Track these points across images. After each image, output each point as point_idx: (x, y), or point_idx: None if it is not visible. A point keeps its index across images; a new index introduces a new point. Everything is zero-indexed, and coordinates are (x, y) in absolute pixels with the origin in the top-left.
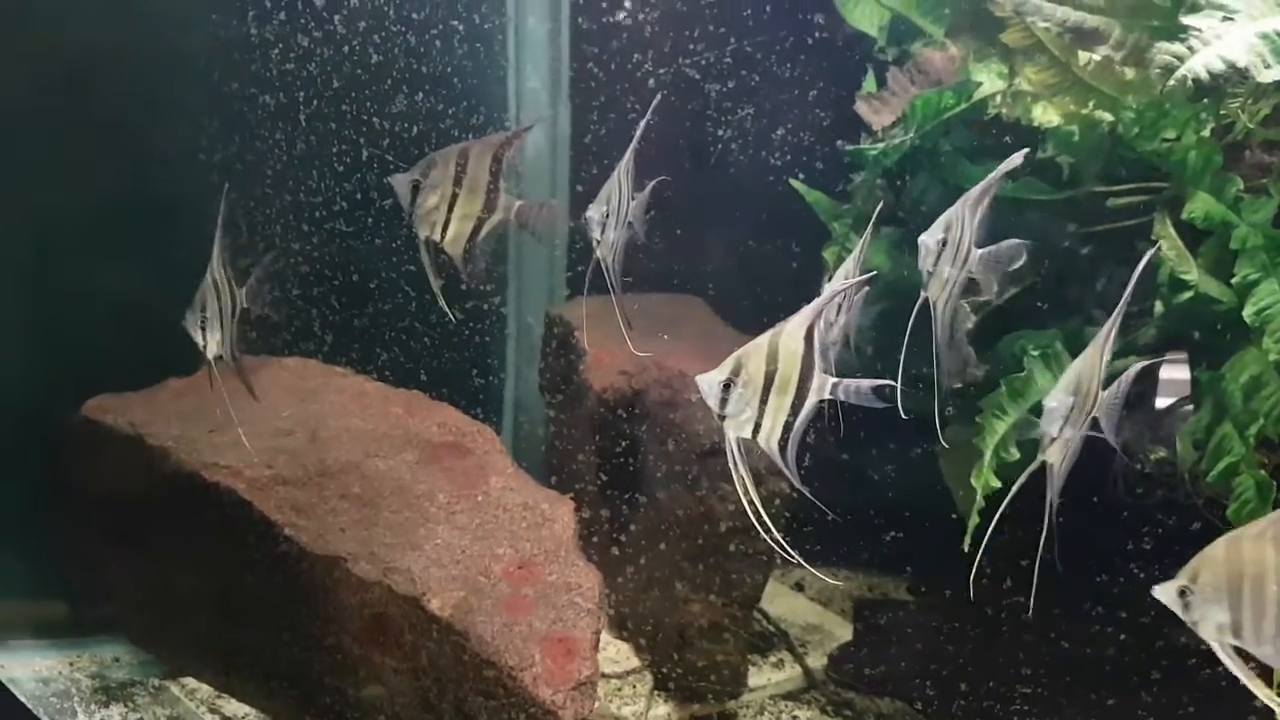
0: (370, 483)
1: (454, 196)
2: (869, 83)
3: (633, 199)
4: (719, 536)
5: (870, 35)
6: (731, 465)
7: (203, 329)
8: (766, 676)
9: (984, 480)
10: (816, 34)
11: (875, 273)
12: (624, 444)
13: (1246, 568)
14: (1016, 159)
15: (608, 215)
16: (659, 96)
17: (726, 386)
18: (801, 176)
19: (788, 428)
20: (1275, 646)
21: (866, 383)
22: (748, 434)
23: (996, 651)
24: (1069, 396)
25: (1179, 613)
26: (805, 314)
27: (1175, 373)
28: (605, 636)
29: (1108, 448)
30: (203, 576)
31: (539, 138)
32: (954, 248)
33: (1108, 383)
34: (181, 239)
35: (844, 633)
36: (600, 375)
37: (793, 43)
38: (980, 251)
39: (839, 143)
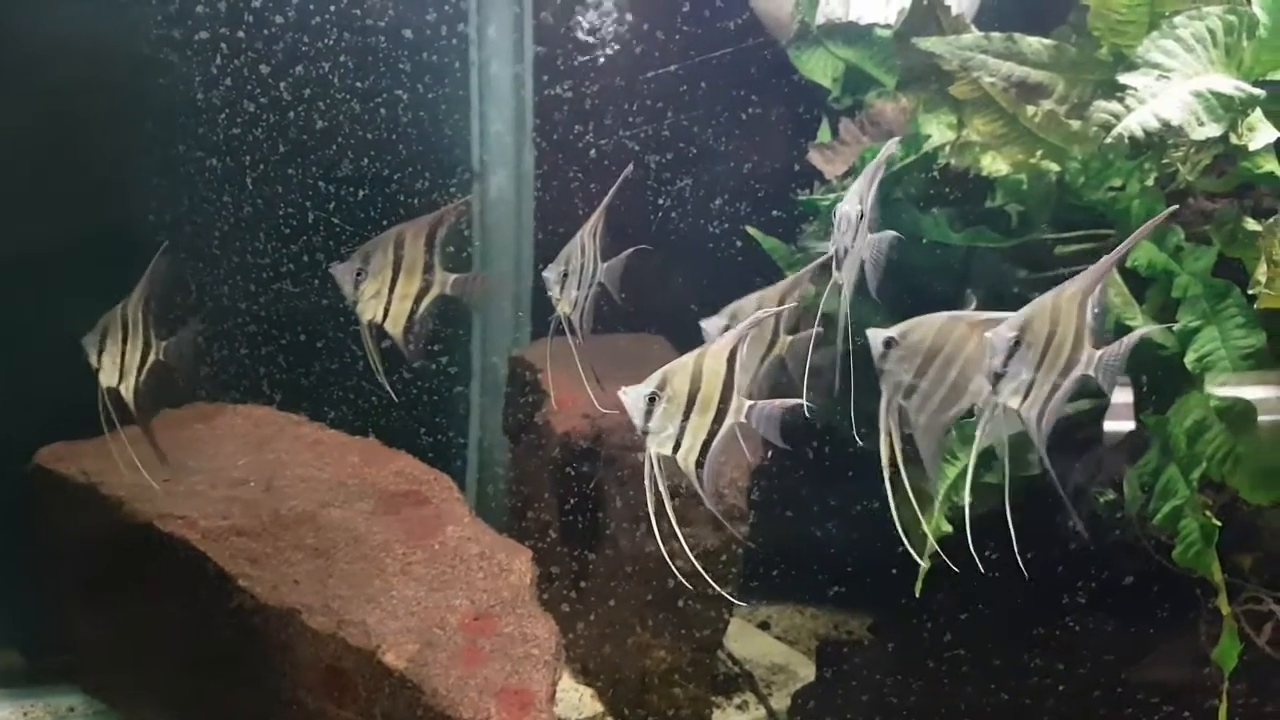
0: (325, 533)
1: (394, 279)
2: (823, 132)
3: (601, 261)
4: (680, 580)
5: (824, 86)
6: (648, 482)
7: (99, 353)
8: (730, 719)
9: (936, 525)
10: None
11: (797, 304)
12: (587, 487)
13: (950, 344)
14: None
15: (566, 275)
16: (629, 168)
17: (652, 400)
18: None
19: (705, 448)
20: (929, 422)
21: (778, 403)
22: (668, 451)
23: (953, 695)
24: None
25: (875, 358)
26: (729, 336)
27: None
28: (567, 682)
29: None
30: (159, 627)
31: (504, 181)
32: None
33: None
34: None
35: (808, 672)
36: (563, 418)
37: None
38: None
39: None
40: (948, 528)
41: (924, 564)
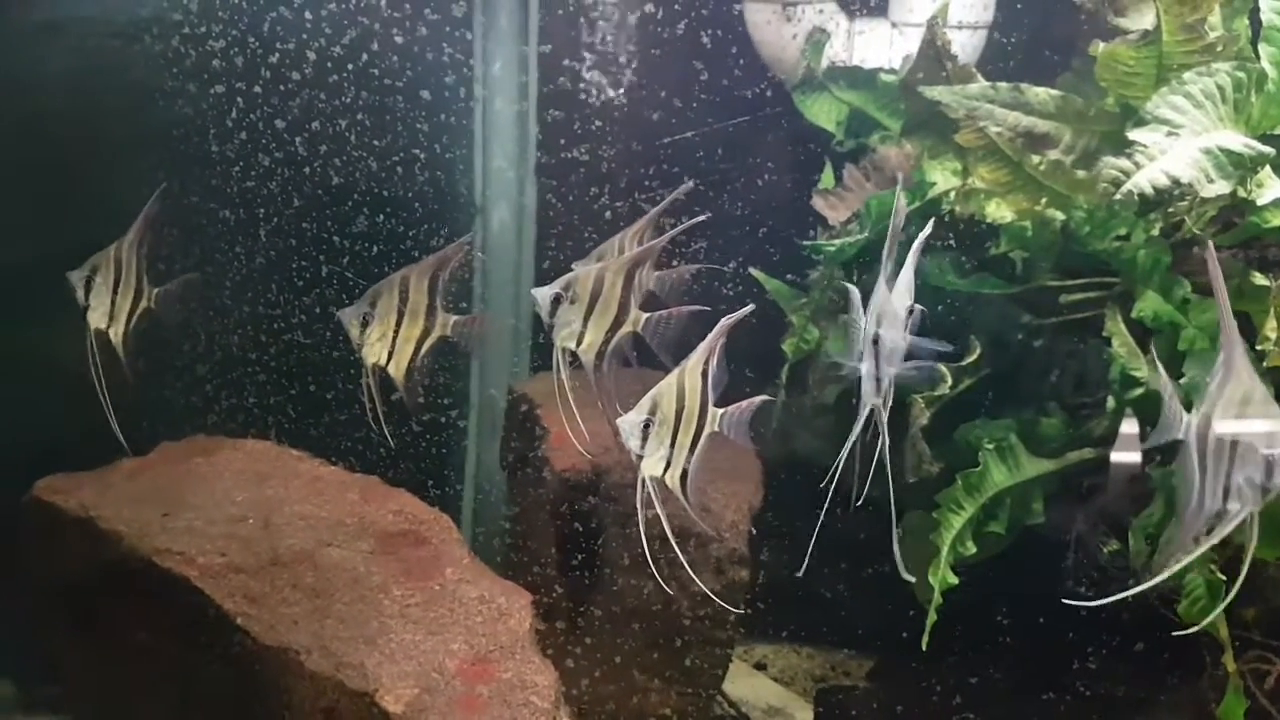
0: (324, 573)
1: (398, 323)
2: (826, 177)
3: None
4: (680, 621)
5: (828, 130)
6: (640, 505)
7: (86, 289)
8: None
9: (941, 577)
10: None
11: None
12: (586, 525)
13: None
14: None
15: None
16: (687, 183)
17: (646, 426)
18: None
19: (688, 464)
20: None
21: (746, 405)
22: (660, 472)
23: None
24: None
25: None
26: (701, 350)
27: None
28: None
29: (1060, 542)
30: (153, 661)
31: (505, 215)
32: None
33: None
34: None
35: (805, 715)
36: (562, 455)
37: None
38: None
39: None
40: (953, 579)
41: (931, 616)
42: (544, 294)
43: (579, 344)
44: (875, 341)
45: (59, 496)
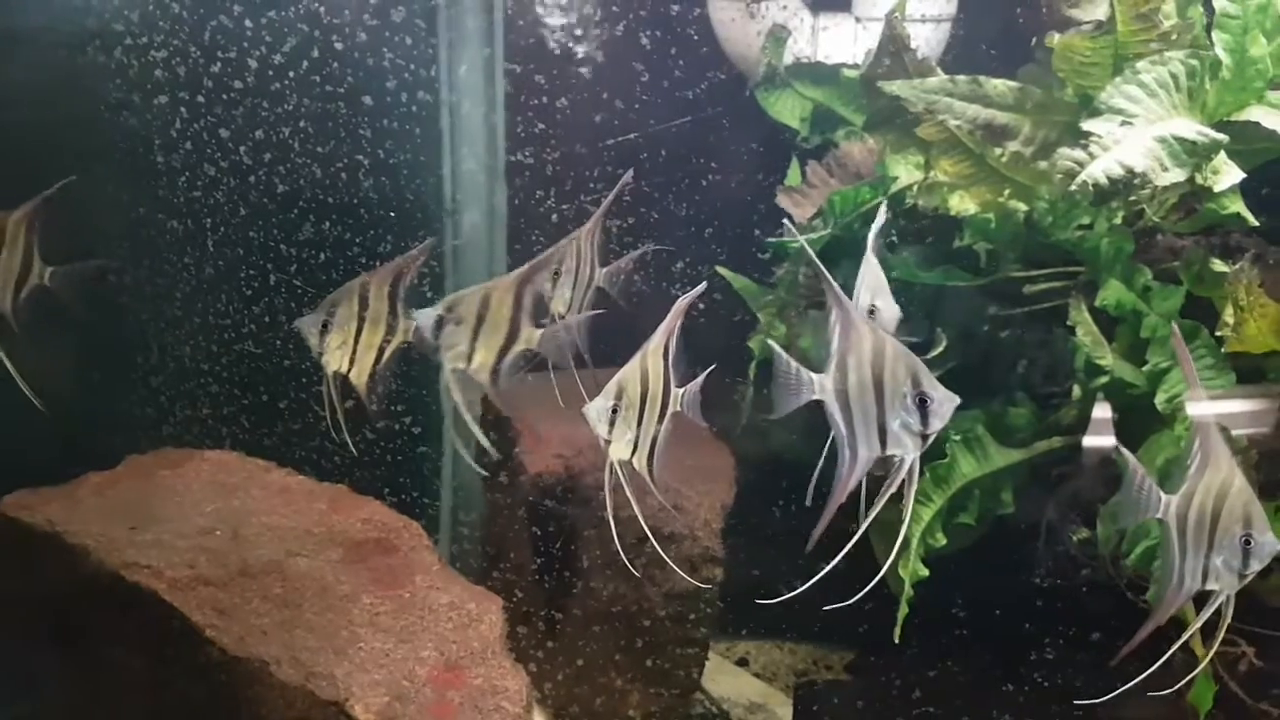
0: (293, 583)
1: (359, 330)
2: (792, 174)
3: (599, 265)
4: (656, 622)
5: (792, 127)
6: (609, 490)
7: None
8: None
9: (912, 569)
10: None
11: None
12: (560, 528)
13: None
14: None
15: (558, 275)
16: (628, 174)
17: (613, 412)
18: None
19: (653, 445)
20: None
21: (699, 382)
22: (627, 455)
23: None
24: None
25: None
26: (661, 332)
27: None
28: None
29: (1030, 530)
30: (124, 677)
31: (477, 218)
32: None
33: None
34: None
35: (786, 711)
36: (535, 458)
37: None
38: None
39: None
40: (924, 571)
41: (903, 609)
42: (426, 316)
43: (469, 364)
44: (923, 401)
45: (25, 512)
